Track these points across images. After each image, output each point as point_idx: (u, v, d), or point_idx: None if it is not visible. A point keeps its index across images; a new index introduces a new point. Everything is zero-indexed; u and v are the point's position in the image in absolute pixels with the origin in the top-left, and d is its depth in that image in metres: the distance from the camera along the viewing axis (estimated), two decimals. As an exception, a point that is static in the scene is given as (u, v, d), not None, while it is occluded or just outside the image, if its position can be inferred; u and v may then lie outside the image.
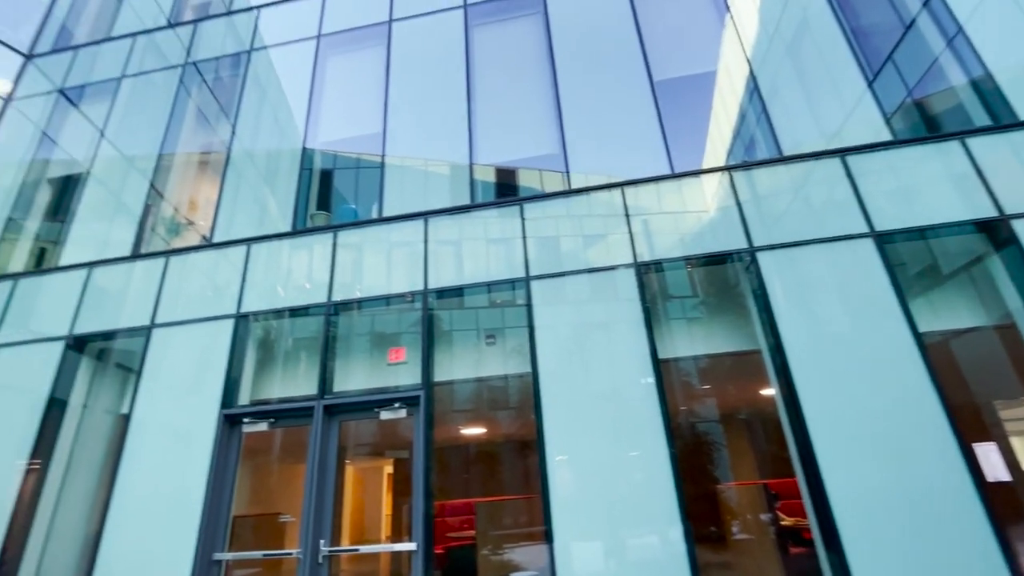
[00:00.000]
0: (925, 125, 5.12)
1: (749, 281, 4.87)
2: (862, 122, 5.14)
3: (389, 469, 9.60)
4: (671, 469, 4.18)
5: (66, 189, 7.26)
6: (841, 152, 5.01)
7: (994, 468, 3.78)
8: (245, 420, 5.21)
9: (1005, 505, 3.61)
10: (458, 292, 5.47)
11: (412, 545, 4.36)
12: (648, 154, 5.52)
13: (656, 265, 5.05)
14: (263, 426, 5.23)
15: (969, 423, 3.96)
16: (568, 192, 5.56)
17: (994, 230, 4.50)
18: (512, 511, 5.47)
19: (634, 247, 5.11)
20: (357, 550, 5.83)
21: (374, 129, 6.46)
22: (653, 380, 4.52)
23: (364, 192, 6.33)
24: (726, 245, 4.93)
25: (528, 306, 5.07)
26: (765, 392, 4.76)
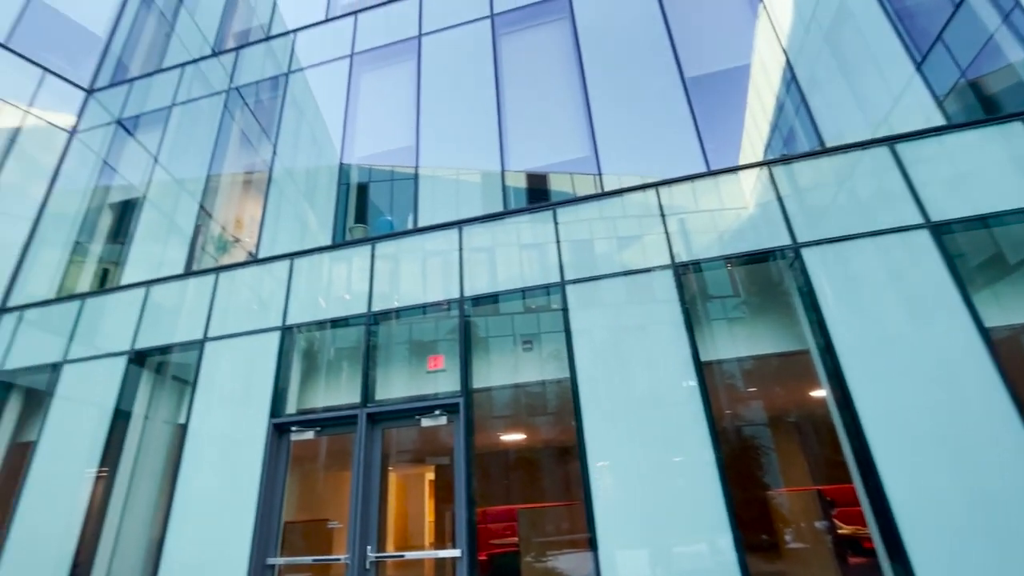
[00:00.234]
0: (982, 107, 4.82)
1: (794, 279, 4.69)
2: (911, 108, 4.89)
3: (430, 475, 9.71)
4: (718, 474, 4.06)
5: (125, 213, 7.75)
6: (890, 140, 4.77)
7: (1078, 472, 3.49)
8: (293, 429, 5.38)
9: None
10: (493, 299, 5.50)
11: (456, 552, 4.39)
12: (682, 153, 5.42)
13: (694, 265, 4.94)
14: (309, 434, 5.39)
15: (1046, 424, 3.67)
16: (601, 195, 5.51)
17: (1066, 215, 4.18)
18: (554, 518, 5.42)
19: (671, 247, 5.02)
20: (403, 556, 5.91)
21: (407, 142, 6.61)
22: (695, 383, 4.41)
23: (399, 204, 6.47)
24: (768, 242, 4.77)
25: (564, 310, 5.04)
26: (816, 394, 4.57)
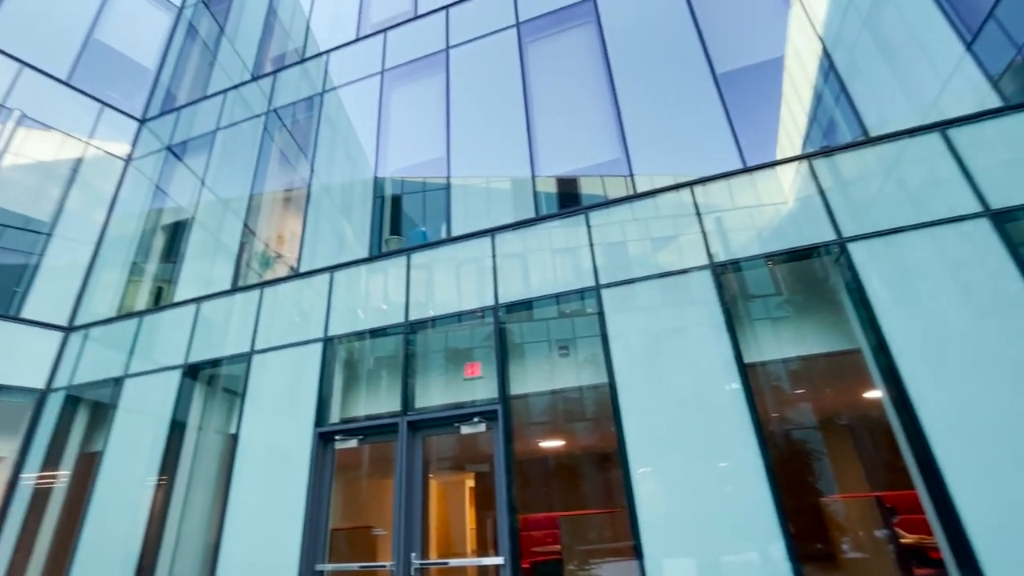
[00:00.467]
0: (1043, 85, 4.51)
1: (840, 275, 4.50)
2: (962, 90, 4.62)
3: (470, 482, 9.75)
4: (767, 480, 3.91)
5: (176, 233, 8.18)
6: (940, 125, 4.53)
7: None
8: (337, 437, 5.52)
9: None
10: (527, 305, 5.50)
11: (500, 559, 4.39)
12: (716, 150, 5.30)
13: (733, 264, 4.81)
14: (353, 443, 5.52)
15: None
16: (634, 196, 5.45)
17: None
18: (597, 525, 5.35)
19: (708, 247, 4.90)
20: (447, 563, 5.95)
21: (438, 153, 6.73)
22: (739, 385, 4.28)
23: (432, 214, 6.57)
24: (811, 238, 4.59)
25: (600, 314, 4.99)
26: (870, 395, 4.35)
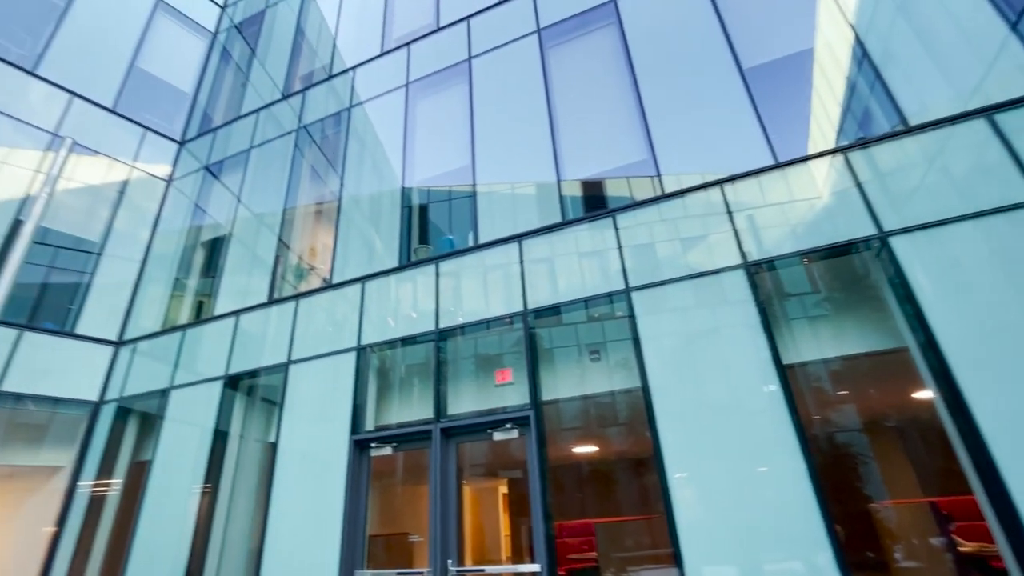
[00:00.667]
0: (1099, 63, 4.25)
1: (883, 270, 4.32)
2: (1009, 73, 4.40)
3: (504, 489, 9.73)
4: (811, 485, 3.78)
5: (214, 249, 8.51)
6: (987, 111, 4.31)
7: None
8: (372, 445, 5.61)
9: None
10: (556, 310, 5.49)
11: (536, 567, 4.36)
12: (746, 147, 5.19)
13: (768, 263, 4.68)
14: (387, 450, 5.60)
15: None
16: (662, 197, 5.38)
17: None
18: (633, 532, 5.26)
19: (741, 246, 4.79)
20: (483, 571, 5.94)
21: (463, 162, 6.80)
22: (778, 387, 4.16)
23: (459, 222, 6.64)
24: (849, 233, 4.44)
25: (631, 317, 4.94)
26: (920, 395, 4.15)
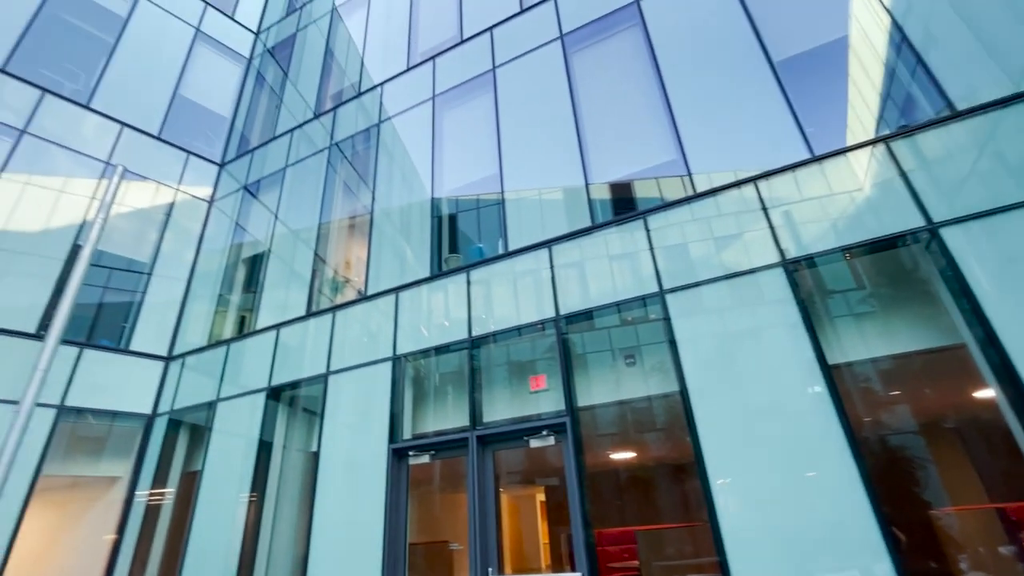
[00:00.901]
0: None
1: (933, 263, 4.12)
2: (1065, 49, 4.14)
3: (541, 496, 9.68)
4: (864, 491, 3.62)
5: (254, 265, 8.84)
6: (1041, 91, 4.07)
7: None
8: (410, 453, 5.69)
9: None
10: (588, 315, 5.45)
11: (577, 575, 4.31)
12: (779, 141, 5.05)
13: (807, 260, 4.53)
14: (425, 458, 5.66)
15: None
16: (693, 197, 5.29)
17: None
18: (675, 540, 5.13)
19: (778, 244, 4.65)
20: (522, 578, 5.92)
21: (491, 170, 6.86)
22: (824, 389, 4.01)
23: (488, 230, 6.70)
24: (895, 226, 4.25)
25: (666, 320, 4.85)
26: (981, 394, 3.92)
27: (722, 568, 3.84)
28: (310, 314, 7.40)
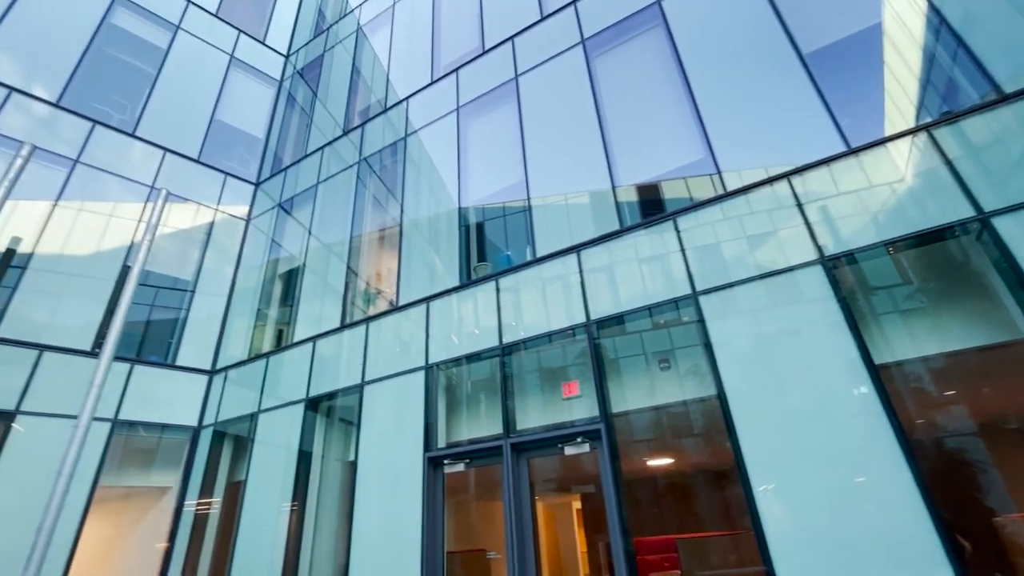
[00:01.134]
0: None
1: (986, 254, 3.91)
2: (1124, 22, 3.89)
3: (577, 504, 9.57)
4: (920, 497, 3.44)
5: (290, 280, 9.12)
6: (1098, 68, 3.83)
7: None
8: (445, 461, 5.72)
9: None
10: (620, 320, 5.39)
11: (617, 584, 4.23)
12: (812, 135, 4.90)
13: (847, 256, 4.36)
14: (460, 467, 5.68)
15: None
16: (724, 196, 5.18)
17: None
18: (719, 548, 4.98)
19: (815, 240, 4.50)
20: (561, 587, 5.85)
21: (516, 178, 6.90)
22: (871, 390, 3.84)
23: (515, 237, 6.72)
24: (942, 217, 4.05)
25: (700, 322, 4.75)
26: (1045, 392, 3.67)
27: (769, 578, 3.71)
28: (344, 326, 7.57)
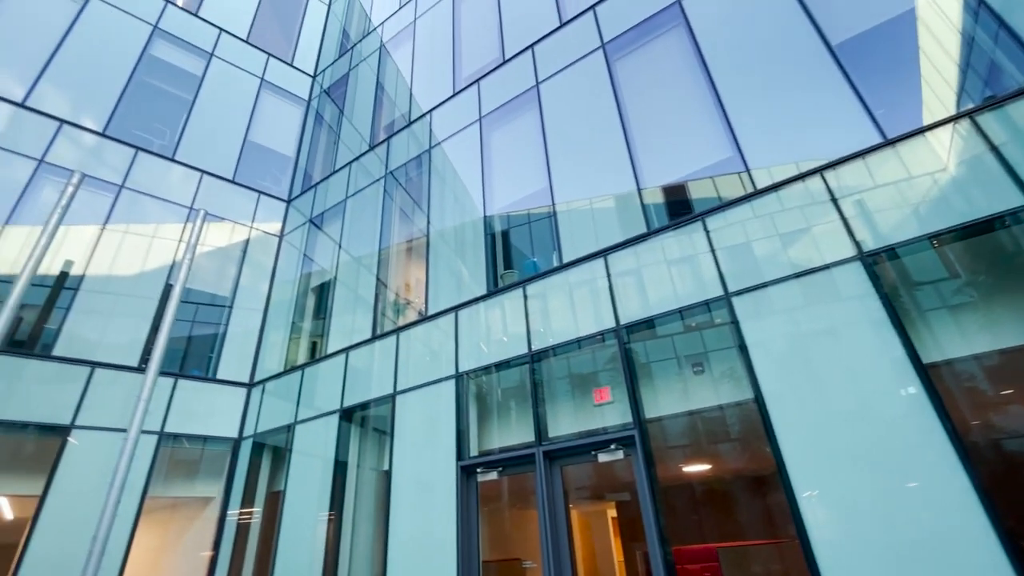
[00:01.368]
0: None
1: (1042, 244, 3.69)
2: None
3: (612, 512, 9.41)
4: (979, 502, 3.25)
5: (322, 293, 9.34)
6: None
7: None
8: (478, 470, 5.73)
9: None
10: (650, 324, 5.31)
11: (656, 594, 4.14)
12: (845, 128, 4.75)
13: (888, 251, 4.19)
14: (493, 475, 5.68)
15: None
16: (753, 194, 5.06)
17: None
18: (762, 557, 4.81)
19: (853, 236, 4.35)
20: (598, 597, 5.76)
21: (540, 185, 6.91)
22: (920, 390, 3.67)
23: (541, 244, 6.72)
24: (990, 207, 3.85)
25: (734, 324, 4.64)
26: (1114, 389, 3.43)
27: (817, 588, 3.56)
28: (375, 336, 7.70)
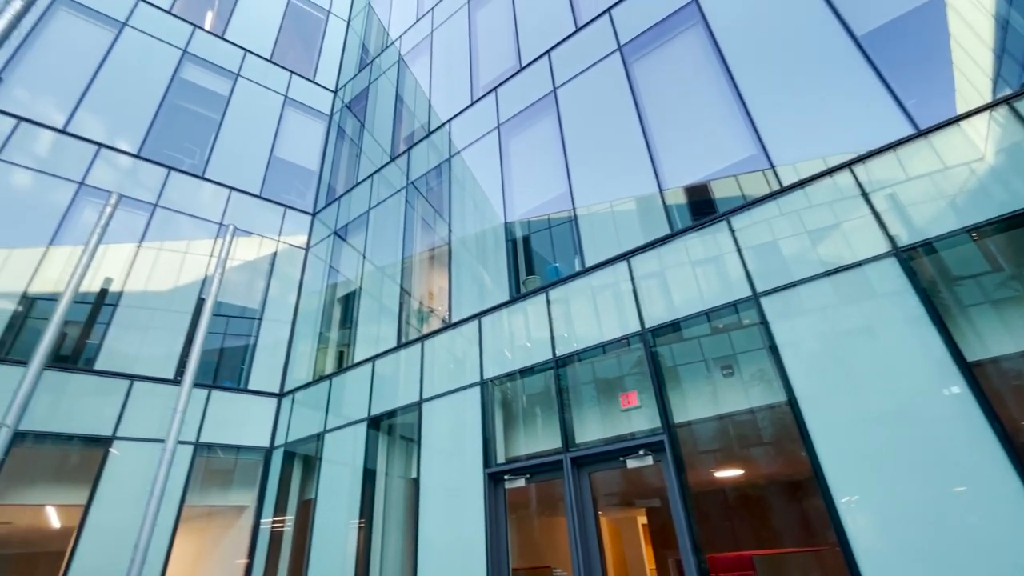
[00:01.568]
0: None
1: (1092, 234, 3.51)
2: None
3: (642, 519, 9.26)
4: (1034, 508, 3.08)
5: (348, 303, 9.50)
6: None
7: None
8: (506, 477, 5.71)
9: None
10: (676, 326, 5.23)
11: (691, 603, 4.05)
12: (874, 120, 4.62)
13: (924, 246, 4.04)
14: (520, 482, 5.65)
15: None
16: (779, 191, 4.95)
17: None
18: (801, 565, 4.67)
19: (886, 231, 4.21)
20: (630, 606, 5.66)
21: (560, 189, 6.90)
22: (964, 390, 3.51)
23: (562, 249, 6.70)
24: (1034, 196, 3.68)
25: (763, 324, 4.53)
26: None
27: (861, 598, 3.43)
28: (400, 345, 7.78)
